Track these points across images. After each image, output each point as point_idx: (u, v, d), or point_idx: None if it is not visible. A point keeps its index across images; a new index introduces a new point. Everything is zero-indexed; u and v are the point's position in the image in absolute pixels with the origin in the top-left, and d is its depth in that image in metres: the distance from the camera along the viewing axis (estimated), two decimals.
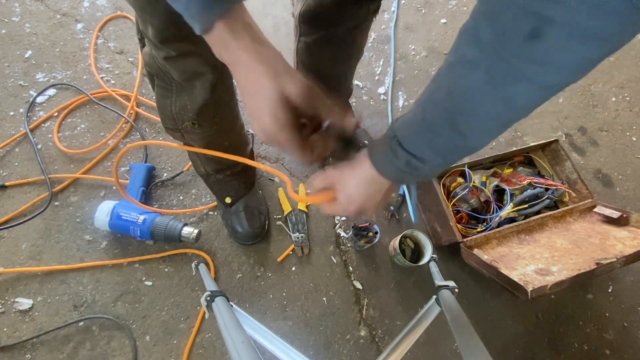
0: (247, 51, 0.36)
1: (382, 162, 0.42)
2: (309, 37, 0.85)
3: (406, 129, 0.40)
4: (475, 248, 0.94)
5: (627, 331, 1.05)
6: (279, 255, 1.04)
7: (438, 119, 0.37)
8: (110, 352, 0.91)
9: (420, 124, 0.38)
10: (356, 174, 0.44)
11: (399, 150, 0.40)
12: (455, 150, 0.39)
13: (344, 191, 0.45)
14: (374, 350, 0.97)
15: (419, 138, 0.39)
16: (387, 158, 0.41)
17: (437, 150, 0.38)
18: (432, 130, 0.37)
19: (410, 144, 0.39)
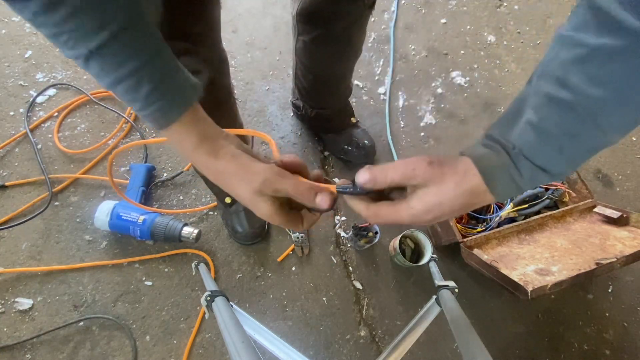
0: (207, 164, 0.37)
1: (498, 178, 0.35)
2: (307, 36, 0.85)
3: (529, 138, 0.34)
4: (475, 248, 0.94)
5: (627, 331, 1.05)
6: (279, 255, 1.04)
7: (573, 120, 0.32)
8: (110, 352, 0.91)
9: (548, 129, 0.33)
10: (459, 182, 0.35)
11: (525, 164, 0.33)
12: (590, 152, 0.34)
13: (433, 197, 0.35)
14: (374, 350, 0.97)
15: (550, 146, 0.33)
16: (505, 174, 0.34)
17: (571, 156, 0.33)
18: (568, 134, 0.32)
19: (540, 156, 0.33)
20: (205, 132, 0.38)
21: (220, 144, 0.38)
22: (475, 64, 1.38)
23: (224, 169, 0.37)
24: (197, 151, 0.37)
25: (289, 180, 0.36)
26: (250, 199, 0.37)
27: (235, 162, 0.37)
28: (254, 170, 0.36)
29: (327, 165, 1.18)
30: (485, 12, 1.49)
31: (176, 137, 0.37)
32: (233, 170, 0.37)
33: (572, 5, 1.59)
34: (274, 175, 0.36)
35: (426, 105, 1.30)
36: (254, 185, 0.36)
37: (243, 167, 0.37)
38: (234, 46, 1.32)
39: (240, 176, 0.37)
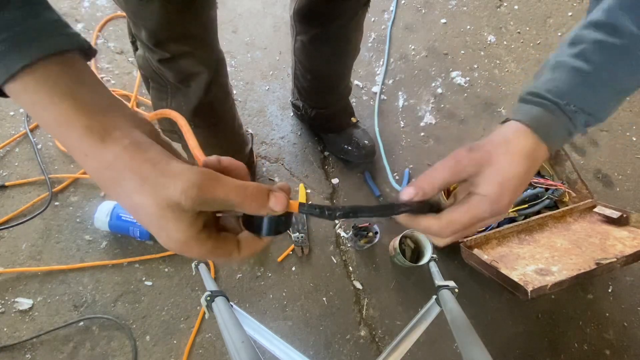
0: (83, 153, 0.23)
1: (555, 135, 0.34)
2: (305, 35, 0.86)
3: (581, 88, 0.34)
4: (475, 248, 0.94)
5: (627, 331, 1.05)
6: (279, 255, 1.04)
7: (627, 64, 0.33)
8: (110, 352, 0.91)
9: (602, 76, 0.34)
10: (511, 150, 0.32)
11: (579, 116, 0.34)
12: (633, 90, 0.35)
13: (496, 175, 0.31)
14: (374, 350, 0.97)
15: (603, 93, 0.34)
16: (563, 130, 0.34)
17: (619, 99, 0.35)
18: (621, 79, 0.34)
19: (593, 104, 0.34)
20: (88, 99, 0.23)
21: (114, 122, 0.24)
22: (475, 64, 1.38)
23: (113, 162, 0.23)
24: (70, 125, 0.23)
25: (229, 183, 0.25)
26: (155, 216, 0.23)
27: (137, 154, 0.23)
28: (170, 170, 0.23)
29: (327, 165, 1.18)
30: (485, 12, 1.49)
31: (28, 99, 0.22)
32: (131, 166, 0.23)
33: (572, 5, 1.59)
34: (207, 179, 0.24)
35: (426, 105, 1.30)
36: (168, 193, 0.23)
37: (151, 163, 0.23)
38: (234, 46, 1.32)
39: (142, 177, 0.23)
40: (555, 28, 1.47)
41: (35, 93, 0.22)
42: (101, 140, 0.23)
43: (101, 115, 0.24)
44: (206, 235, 0.26)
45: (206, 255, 0.26)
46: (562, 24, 1.48)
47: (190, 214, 0.24)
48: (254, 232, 0.29)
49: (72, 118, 0.23)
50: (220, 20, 0.66)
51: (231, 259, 0.28)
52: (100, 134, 0.23)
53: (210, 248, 0.26)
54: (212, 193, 0.24)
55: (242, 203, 0.25)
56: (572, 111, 0.34)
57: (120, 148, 0.23)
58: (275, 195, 0.26)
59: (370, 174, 1.16)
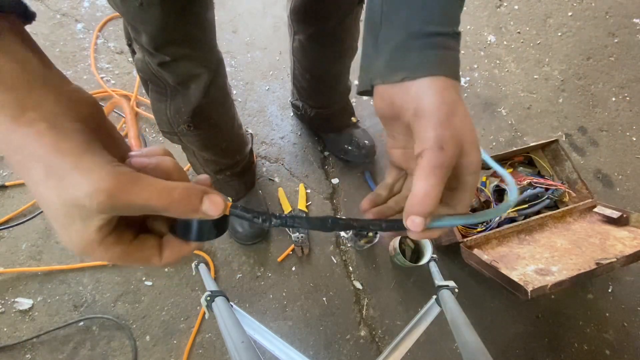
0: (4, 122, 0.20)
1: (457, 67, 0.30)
2: (302, 34, 0.86)
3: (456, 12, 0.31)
4: (475, 248, 0.94)
5: (627, 331, 1.05)
6: (279, 255, 1.04)
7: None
8: (110, 352, 0.91)
9: None
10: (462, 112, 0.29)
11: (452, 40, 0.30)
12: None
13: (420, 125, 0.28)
14: (374, 350, 0.97)
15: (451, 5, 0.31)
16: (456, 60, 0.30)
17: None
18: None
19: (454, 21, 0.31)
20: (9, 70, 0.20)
21: (35, 100, 0.21)
22: (475, 64, 1.38)
23: (20, 147, 0.20)
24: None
25: (152, 185, 0.21)
26: (58, 213, 0.21)
27: (48, 140, 0.20)
28: (81, 165, 0.20)
29: (327, 165, 1.18)
30: (485, 12, 1.49)
31: None
32: (38, 154, 0.20)
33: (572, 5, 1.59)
34: (121, 181, 0.20)
35: None
36: (73, 194, 0.20)
37: (62, 154, 0.20)
38: (234, 46, 1.32)
39: (48, 169, 0.20)
40: (555, 28, 1.47)
41: None
42: (13, 119, 0.20)
43: (23, 90, 0.20)
44: (114, 240, 0.22)
45: (115, 261, 0.23)
46: (562, 24, 1.48)
47: (98, 218, 0.21)
48: (181, 237, 0.25)
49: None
50: (220, 20, 0.66)
51: (149, 264, 0.25)
52: (12, 111, 0.20)
53: (119, 254, 0.23)
54: (127, 199, 0.20)
55: (168, 207, 0.22)
56: (457, 34, 0.30)
57: (32, 131, 0.20)
58: (210, 197, 0.23)
59: (370, 174, 1.16)
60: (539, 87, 1.36)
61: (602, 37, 1.47)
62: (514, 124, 1.29)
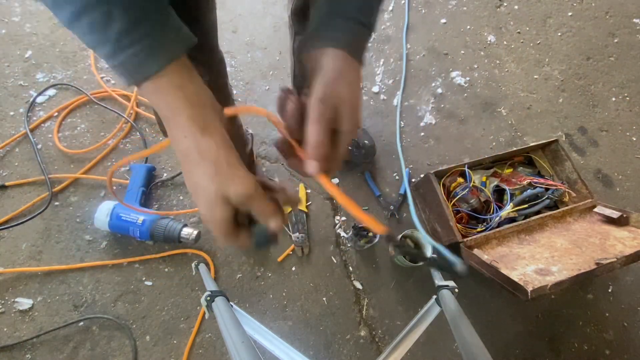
0: (185, 135, 0.31)
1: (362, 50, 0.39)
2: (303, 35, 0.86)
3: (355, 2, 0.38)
4: (475, 248, 0.94)
5: (627, 331, 1.05)
6: (279, 255, 1.04)
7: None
8: (110, 352, 0.91)
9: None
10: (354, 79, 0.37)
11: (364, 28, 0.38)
12: None
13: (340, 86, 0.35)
14: (374, 350, 0.97)
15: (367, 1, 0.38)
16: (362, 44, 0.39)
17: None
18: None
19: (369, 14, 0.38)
20: (195, 95, 0.31)
21: (211, 117, 0.32)
22: (475, 64, 1.38)
23: (207, 149, 0.31)
24: (179, 116, 0.30)
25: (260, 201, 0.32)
26: (210, 199, 0.31)
27: (222, 151, 0.31)
28: (237, 174, 0.31)
29: None
30: (485, 12, 1.49)
31: (155, 96, 0.30)
32: (215, 158, 0.31)
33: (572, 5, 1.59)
34: (255, 191, 0.32)
35: (426, 105, 1.30)
36: (228, 190, 0.31)
37: (227, 162, 0.31)
38: (234, 46, 1.32)
39: (218, 171, 0.30)
40: (555, 28, 1.47)
41: (159, 92, 0.30)
42: (201, 130, 0.30)
43: (201, 108, 0.31)
44: (233, 223, 0.33)
45: (222, 234, 0.33)
46: (562, 24, 1.48)
47: (232, 207, 0.32)
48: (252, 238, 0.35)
49: (181, 107, 0.30)
50: (220, 20, 0.66)
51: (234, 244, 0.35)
52: (199, 124, 0.30)
53: (232, 231, 0.33)
54: (252, 204, 0.32)
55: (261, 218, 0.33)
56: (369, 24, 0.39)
57: (214, 142, 0.31)
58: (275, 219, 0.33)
59: (370, 174, 1.16)
60: (539, 87, 1.36)
61: (602, 37, 1.46)
62: (514, 124, 1.29)
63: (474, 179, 1.03)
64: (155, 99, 0.30)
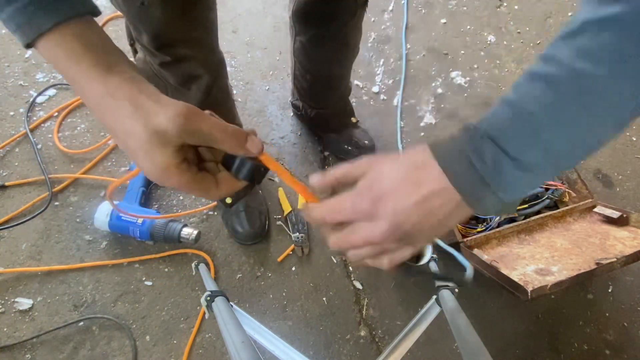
0: (90, 81, 0.27)
1: (455, 161, 0.28)
2: (304, 36, 0.86)
3: (500, 117, 0.28)
4: (475, 248, 0.94)
5: (627, 331, 1.05)
6: (279, 255, 1.04)
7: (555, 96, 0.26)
8: (110, 352, 0.91)
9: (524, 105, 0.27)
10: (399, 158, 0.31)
11: (488, 146, 0.27)
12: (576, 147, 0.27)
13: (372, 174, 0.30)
14: (374, 350, 0.97)
15: (522, 126, 0.27)
16: (463, 156, 0.27)
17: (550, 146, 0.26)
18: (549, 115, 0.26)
19: (508, 137, 0.27)
20: (98, 44, 0.28)
21: (117, 60, 0.28)
22: (475, 64, 1.38)
23: (114, 90, 0.27)
24: (81, 64, 0.27)
25: (213, 120, 0.28)
26: (143, 141, 0.26)
27: (135, 86, 0.27)
28: (161, 101, 0.27)
29: (327, 165, 1.18)
30: (485, 12, 1.49)
31: (52, 52, 0.27)
32: (129, 95, 0.27)
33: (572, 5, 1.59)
34: (193, 112, 0.27)
35: (426, 105, 1.30)
36: (158, 120, 0.26)
37: (146, 94, 0.27)
38: (234, 46, 1.32)
39: (137, 105, 0.26)
40: (555, 28, 1.47)
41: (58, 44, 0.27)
42: (106, 71, 0.27)
43: (105, 54, 0.28)
44: (186, 168, 0.28)
45: (185, 186, 0.29)
46: (562, 24, 1.48)
47: (175, 142, 0.27)
48: (231, 172, 0.32)
49: (81, 54, 0.27)
50: (220, 20, 0.66)
51: (209, 194, 0.31)
52: (105, 66, 0.27)
53: (188, 179, 0.29)
54: (197, 125, 0.27)
55: (223, 140, 0.28)
56: (479, 137, 0.27)
57: (122, 79, 0.27)
58: (252, 138, 0.30)
59: None
60: None
61: None
62: None
63: None
64: (53, 55, 0.27)
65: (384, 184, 0.29)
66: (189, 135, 0.27)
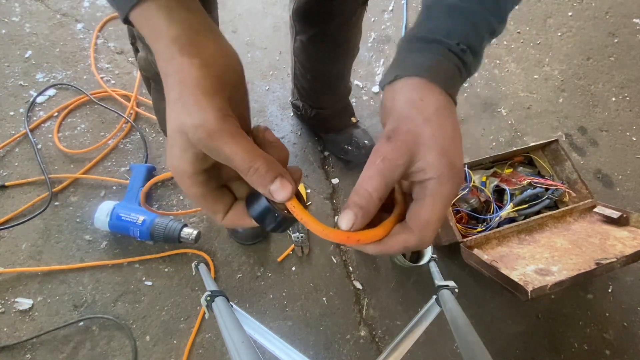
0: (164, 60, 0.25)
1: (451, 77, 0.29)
2: (304, 35, 0.86)
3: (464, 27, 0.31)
4: (475, 248, 0.94)
5: (627, 331, 1.05)
6: (279, 255, 1.04)
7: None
8: (110, 352, 0.91)
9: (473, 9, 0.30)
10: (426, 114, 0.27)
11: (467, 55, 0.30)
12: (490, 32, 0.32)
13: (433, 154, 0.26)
14: (374, 350, 0.97)
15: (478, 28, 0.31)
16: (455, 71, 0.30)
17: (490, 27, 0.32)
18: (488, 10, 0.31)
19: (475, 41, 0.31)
20: (185, 20, 0.25)
21: (199, 40, 0.26)
22: None
23: (178, 71, 0.24)
24: (161, 40, 0.25)
25: (242, 145, 0.24)
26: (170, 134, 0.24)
27: (192, 73, 0.24)
28: (201, 102, 0.23)
29: (327, 165, 1.18)
30: None
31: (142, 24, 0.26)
32: (183, 79, 0.24)
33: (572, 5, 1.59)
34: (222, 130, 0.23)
35: None
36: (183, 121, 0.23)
37: (194, 87, 0.24)
38: (234, 46, 1.31)
39: (180, 96, 0.24)
40: (555, 28, 1.47)
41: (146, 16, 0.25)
42: (180, 50, 0.24)
43: (191, 31, 0.25)
44: (203, 181, 0.26)
45: (193, 199, 0.26)
46: (562, 24, 1.48)
47: (195, 150, 0.24)
48: (247, 207, 0.27)
49: (164, 30, 0.24)
50: (220, 20, 0.66)
51: (214, 217, 0.28)
52: (181, 44, 0.24)
53: (199, 194, 0.26)
54: (219, 144, 0.23)
55: (245, 171, 0.24)
56: (461, 51, 0.30)
57: (187, 63, 0.24)
58: (283, 180, 0.25)
59: None
60: (539, 87, 1.36)
61: (602, 37, 1.46)
62: (514, 124, 1.29)
63: (474, 179, 1.03)
64: (142, 27, 0.25)
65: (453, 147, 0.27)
66: (208, 151, 0.24)
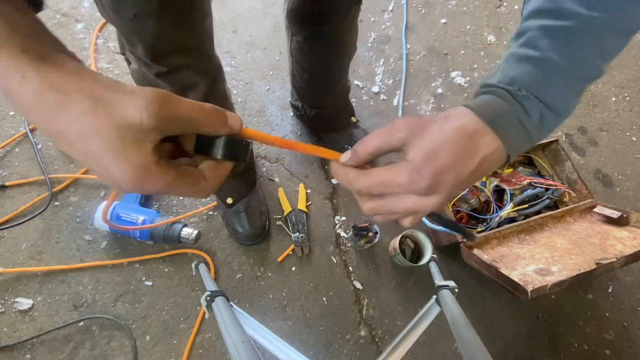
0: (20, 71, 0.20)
1: (505, 123, 0.30)
2: (300, 35, 0.86)
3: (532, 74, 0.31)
4: (475, 248, 0.94)
5: (627, 331, 1.05)
6: (279, 255, 1.04)
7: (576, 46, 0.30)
8: (110, 352, 0.91)
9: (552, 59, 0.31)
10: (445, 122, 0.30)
11: (533, 103, 0.30)
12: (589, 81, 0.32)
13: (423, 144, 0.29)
14: (374, 350, 0.97)
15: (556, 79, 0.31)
16: (513, 117, 0.30)
17: (576, 88, 0.32)
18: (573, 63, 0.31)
19: (547, 91, 0.31)
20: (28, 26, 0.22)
21: (54, 43, 0.22)
22: (475, 64, 1.38)
23: (58, 82, 0.20)
24: (7, 49, 0.20)
25: (188, 102, 0.24)
26: (111, 140, 0.21)
27: (84, 75, 0.21)
28: (125, 89, 0.21)
29: (327, 165, 1.18)
30: (485, 12, 1.49)
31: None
32: (80, 86, 0.21)
33: None
34: (165, 96, 0.22)
35: (426, 105, 1.30)
36: (127, 112, 0.21)
37: (102, 84, 0.21)
38: (234, 46, 1.32)
39: (94, 97, 0.21)
40: None
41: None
42: (41, 59, 0.20)
43: (42, 37, 0.22)
44: (167, 164, 0.24)
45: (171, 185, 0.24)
46: None
47: (153, 135, 0.22)
48: (211, 155, 0.27)
49: (7, 37, 0.20)
50: (220, 21, 0.66)
51: (200, 188, 0.26)
52: (39, 54, 0.21)
53: (174, 177, 0.24)
54: (174, 109, 0.22)
55: (205, 121, 0.24)
56: (523, 97, 0.31)
57: (65, 69, 0.21)
58: (231, 114, 0.26)
59: None
60: None
61: None
62: None
63: None
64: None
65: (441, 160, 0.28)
66: (166, 123, 0.22)
